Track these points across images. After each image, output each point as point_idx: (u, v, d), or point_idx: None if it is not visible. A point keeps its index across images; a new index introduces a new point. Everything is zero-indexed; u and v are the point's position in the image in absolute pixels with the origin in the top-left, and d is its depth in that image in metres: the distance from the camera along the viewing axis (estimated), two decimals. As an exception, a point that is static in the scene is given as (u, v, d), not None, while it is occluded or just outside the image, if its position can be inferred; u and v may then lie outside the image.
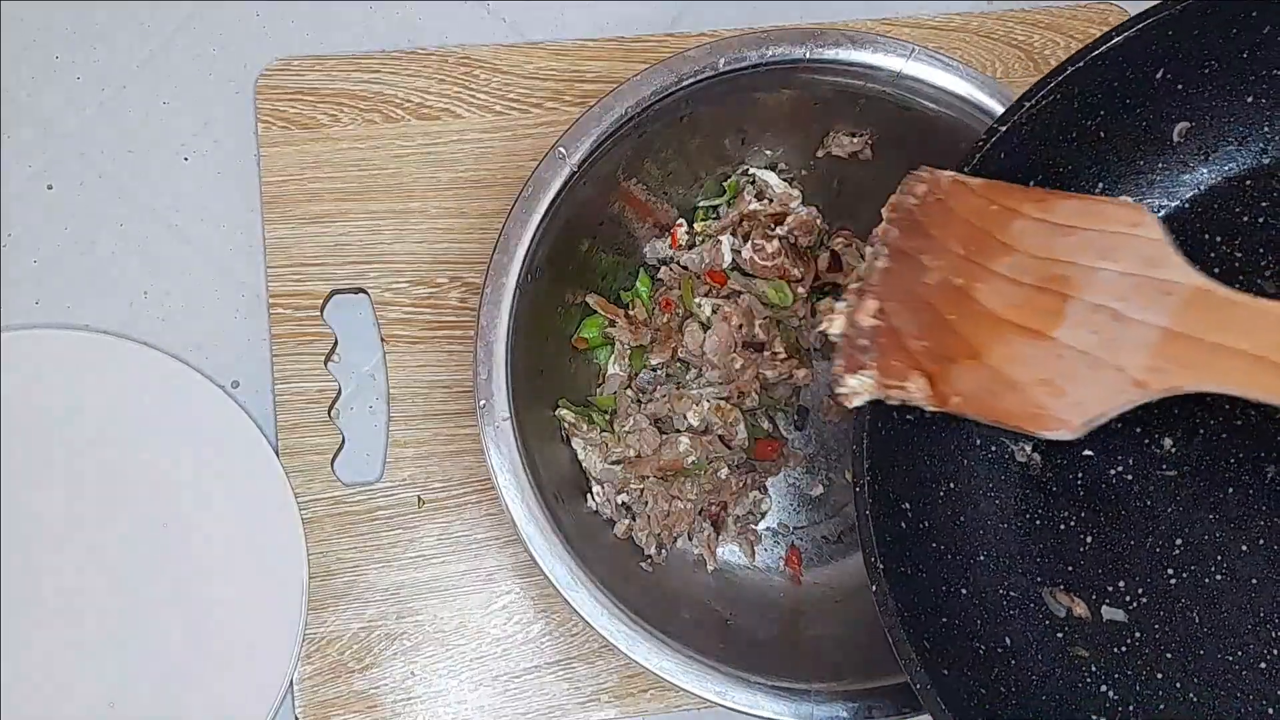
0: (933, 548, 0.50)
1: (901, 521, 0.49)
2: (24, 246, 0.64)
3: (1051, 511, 0.52)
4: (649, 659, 0.53)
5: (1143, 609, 0.51)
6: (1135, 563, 0.51)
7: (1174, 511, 0.51)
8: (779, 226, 0.64)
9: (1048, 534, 0.52)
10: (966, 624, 0.50)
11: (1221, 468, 0.51)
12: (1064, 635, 0.51)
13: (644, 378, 0.63)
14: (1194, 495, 0.51)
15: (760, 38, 0.57)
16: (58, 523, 0.61)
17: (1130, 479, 0.52)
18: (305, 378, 0.63)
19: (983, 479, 0.53)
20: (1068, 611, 0.51)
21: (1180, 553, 0.51)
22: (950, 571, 0.51)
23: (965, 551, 0.51)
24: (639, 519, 0.61)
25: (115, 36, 0.67)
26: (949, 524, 0.51)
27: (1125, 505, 0.52)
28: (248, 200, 0.65)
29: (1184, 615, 0.50)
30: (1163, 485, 0.52)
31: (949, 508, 0.52)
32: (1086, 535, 0.52)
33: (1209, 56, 0.48)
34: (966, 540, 0.51)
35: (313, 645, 0.61)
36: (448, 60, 0.67)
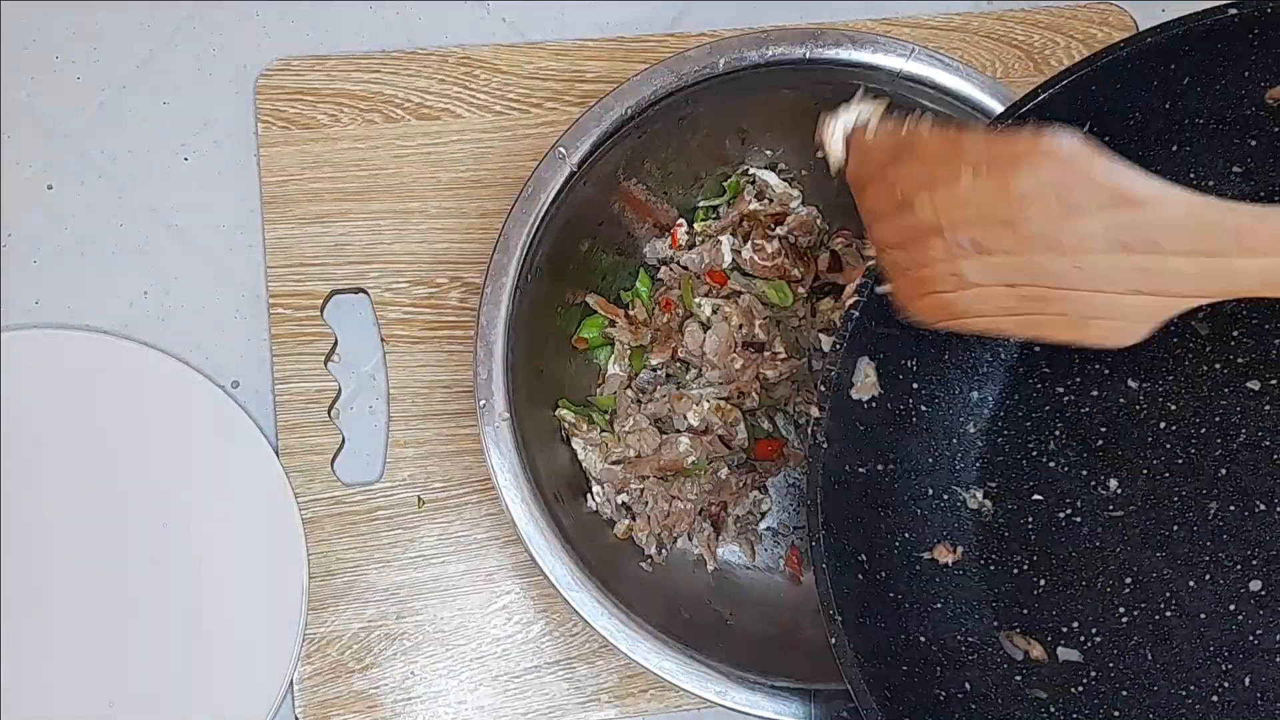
0: (890, 597, 0.51)
1: (859, 573, 0.50)
2: (24, 246, 0.64)
3: (1005, 556, 0.53)
4: (649, 659, 0.53)
5: (1097, 648, 0.52)
6: (1088, 603, 0.52)
7: (1122, 551, 0.52)
8: (779, 226, 0.64)
9: (1002, 578, 0.53)
10: (926, 670, 0.50)
11: (1165, 506, 0.52)
12: (1022, 678, 0.52)
13: (644, 378, 0.63)
14: (1141, 534, 0.52)
15: (760, 38, 0.57)
16: (58, 523, 0.61)
17: (1079, 520, 0.53)
18: (305, 378, 0.63)
19: (936, 527, 0.53)
20: (1025, 654, 0.52)
21: (1130, 591, 0.52)
22: (908, 619, 0.51)
23: (923, 599, 0.52)
24: (639, 519, 0.61)
25: (115, 36, 0.67)
26: (905, 573, 0.52)
27: (1075, 547, 0.53)
28: (248, 200, 0.65)
29: (1137, 652, 0.51)
30: (1110, 526, 0.53)
31: (904, 557, 0.52)
32: (1039, 578, 0.53)
33: (1132, 109, 0.49)
34: (923, 588, 0.52)
35: (313, 645, 0.61)
36: (448, 60, 0.67)
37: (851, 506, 0.51)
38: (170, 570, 0.61)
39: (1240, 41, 0.46)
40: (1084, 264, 0.43)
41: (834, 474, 0.50)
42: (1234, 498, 0.51)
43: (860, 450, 0.51)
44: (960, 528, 0.54)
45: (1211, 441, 0.52)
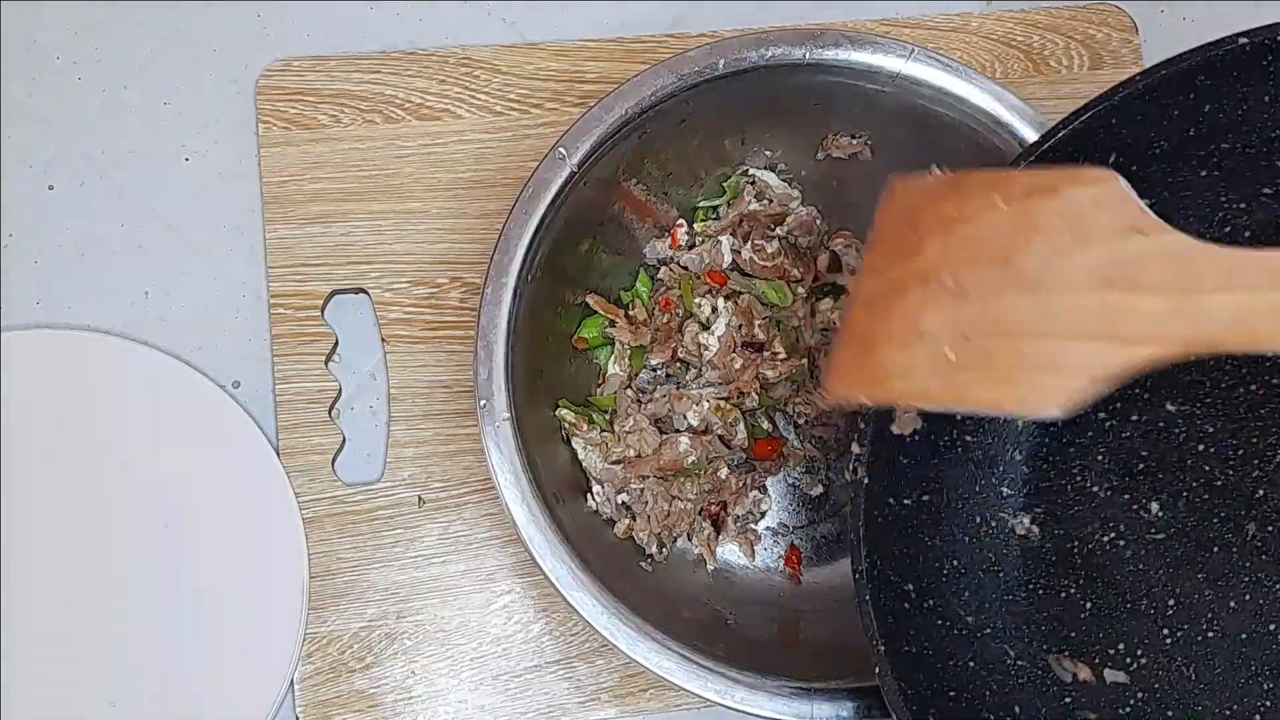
0: (938, 624, 0.51)
1: (905, 602, 0.50)
2: (24, 246, 0.64)
3: (1052, 581, 0.54)
4: (649, 659, 0.53)
5: (1142, 669, 0.52)
6: (1133, 625, 0.53)
7: (1165, 573, 0.53)
8: (779, 227, 0.64)
9: (1050, 603, 0.54)
10: (975, 696, 0.51)
11: (1205, 528, 0.53)
12: (1071, 700, 0.52)
13: (644, 378, 0.63)
14: (1182, 556, 0.53)
15: (760, 38, 0.57)
16: (58, 523, 0.61)
17: (1122, 544, 0.54)
18: (305, 378, 0.63)
19: (985, 554, 0.54)
20: (1073, 676, 0.52)
21: (1174, 613, 0.53)
22: (957, 646, 0.52)
23: (972, 626, 0.52)
24: (639, 519, 0.61)
25: (115, 36, 0.67)
26: (953, 600, 0.52)
27: (1120, 570, 0.54)
28: (248, 200, 0.65)
29: (1181, 673, 0.52)
30: (1153, 548, 0.53)
31: (953, 585, 0.53)
32: (1086, 601, 0.53)
33: (1156, 138, 0.49)
34: (972, 614, 0.53)
35: (313, 645, 0.61)
36: (448, 61, 0.67)
37: (897, 538, 0.51)
38: (170, 570, 0.61)
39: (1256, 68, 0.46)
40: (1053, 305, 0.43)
41: (877, 508, 0.50)
42: (1272, 519, 0.52)
43: (904, 483, 0.52)
44: (1008, 554, 0.54)
45: (1249, 463, 0.53)
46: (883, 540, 0.50)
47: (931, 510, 0.52)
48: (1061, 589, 0.54)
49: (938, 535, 0.53)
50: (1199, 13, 0.72)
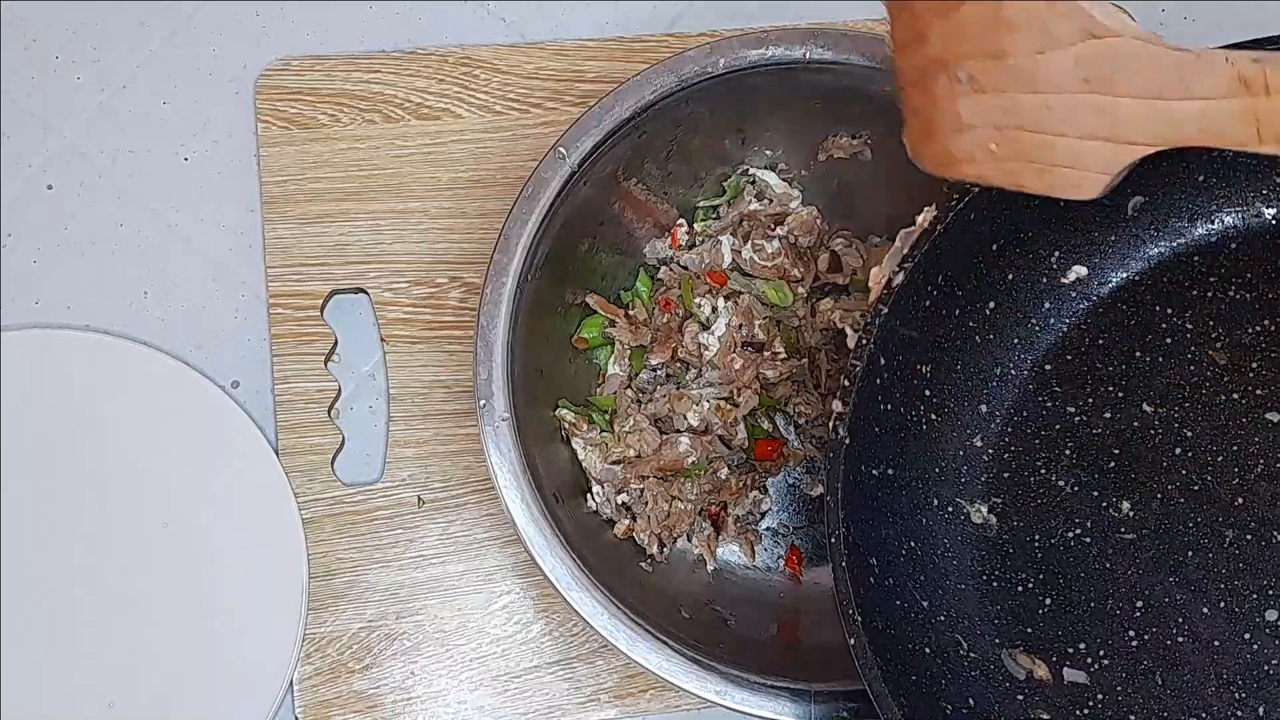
0: (896, 605, 0.51)
1: (870, 576, 0.50)
2: (24, 246, 0.64)
3: (1009, 574, 0.53)
4: (649, 659, 0.53)
5: (1104, 670, 0.51)
6: (1096, 624, 0.52)
7: (1134, 574, 0.52)
8: (779, 226, 0.64)
9: (1006, 596, 0.53)
10: (932, 683, 0.50)
11: (1180, 531, 0.52)
12: (1024, 698, 0.51)
13: (644, 378, 0.63)
14: (1154, 558, 0.52)
15: (760, 38, 0.57)
16: (58, 523, 0.61)
17: (1088, 541, 0.53)
18: (305, 378, 0.63)
19: (940, 539, 0.53)
20: (1028, 674, 0.51)
21: (1141, 615, 0.51)
22: (914, 630, 0.51)
23: (926, 611, 0.52)
24: (639, 519, 0.61)
25: (115, 36, 0.67)
26: (910, 583, 0.52)
27: (1084, 568, 0.52)
28: (248, 200, 0.65)
29: (1147, 677, 0.51)
30: (1121, 548, 0.52)
31: (910, 566, 0.52)
32: (1045, 597, 0.52)
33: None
34: (927, 599, 0.52)
35: (313, 645, 0.61)
36: (448, 60, 0.67)
37: (864, 508, 0.50)
38: (170, 570, 0.61)
39: None
40: (1053, 103, 0.45)
41: (851, 472, 0.50)
42: (1251, 527, 0.51)
43: (875, 451, 0.51)
44: (964, 542, 0.53)
45: (1229, 470, 0.52)
46: (854, 507, 0.50)
47: (894, 485, 0.52)
48: (1019, 583, 0.53)
49: (899, 513, 0.52)
50: (1200, 12, 0.72)
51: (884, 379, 0.51)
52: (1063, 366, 0.54)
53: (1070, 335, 0.54)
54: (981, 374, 0.54)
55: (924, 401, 0.53)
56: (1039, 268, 0.54)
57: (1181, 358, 0.53)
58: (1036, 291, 0.54)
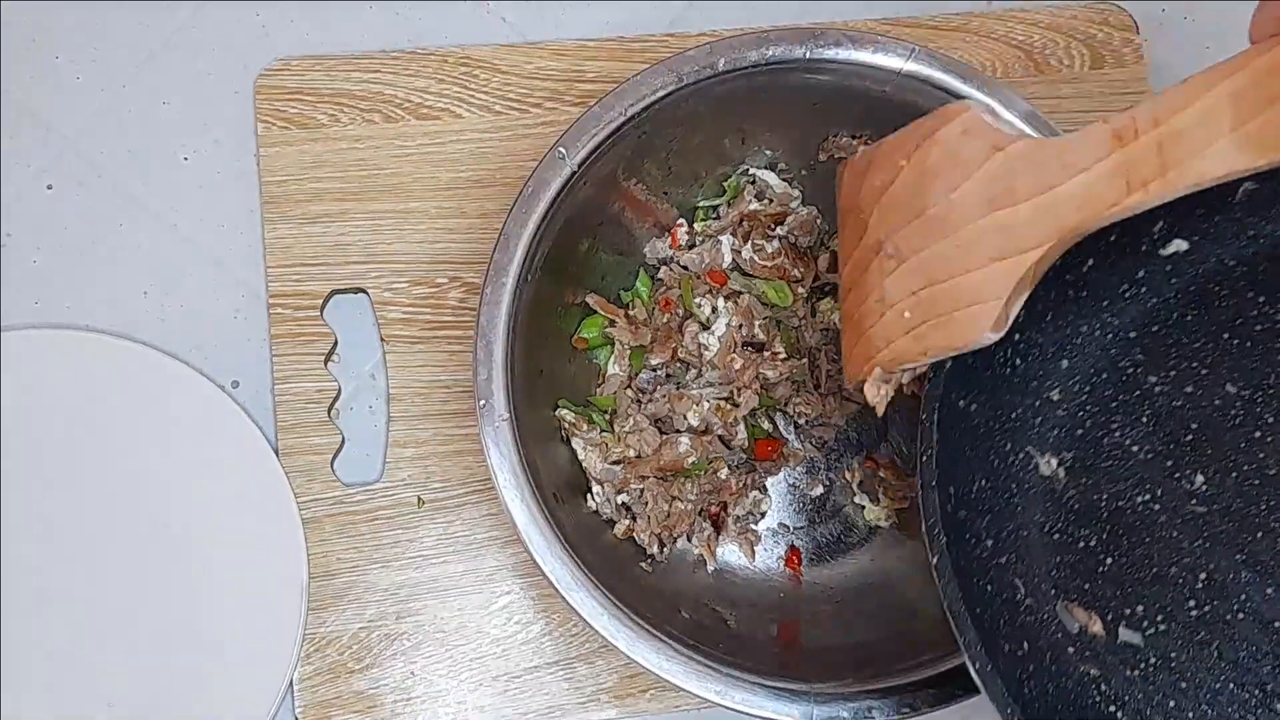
0: (966, 538, 0.51)
1: (947, 504, 0.50)
2: (24, 246, 0.64)
3: (1073, 528, 0.53)
4: (649, 659, 0.53)
5: (1160, 635, 0.52)
6: (1156, 590, 0.52)
7: (1200, 547, 0.52)
8: (779, 226, 0.64)
9: (1067, 550, 0.53)
10: (993, 620, 0.50)
11: (1252, 512, 0.52)
12: (1075, 650, 0.51)
13: (644, 378, 0.63)
14: (1222, 534, 0.52)
15: (760, 38, 0.57)
16: (58, 523, 0.61)
17: (1157, 509, 0.53)
18: (305, 378, 0.63)
19: (1009, 483, 0.53)
20: (1082, 628, 0.52)
21: (1204, 587, 0.52)
22: (978, 566, 0.51)
23: (990, 550, 0.52)
24: (639, 519, 0.60)
25: (115, 36, 0.67)
26: (979, 520, 0.52)
27: (1150, 533, 0.53)
28: (248, 200, 0.65)
29: (1202, 647, 0.51)
30: (1191, 520, 0.53)
31: (979, 503, 0.52)
32: (1107, 556, 0.53)
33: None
34: (991, 539, 0.52)
35: (313, 645, 0.61)
36: (448, 60, 0.67)
37: (950, 437, 0.50)
38: (170, 570, 0.61)
39: None
40: (961, 240, 0.47)
41: (944, 396, 0.50)
42: None
43: (964, 382, 0.51)
44: (1032, 491, 0.53)
45: None
46: (943, 432, 0.50)
47: (974, 421, 0.52)
48: (1081, 539, 0.53)
49: (976, 448, 0.52)
50: (1200, 12, 0.72)
51: None
52: (1148, 336, 0.54)
53: (1159, 308, 0.54)
54: (1068, 329, 0.54)
55: (1011, 345, 0.53)
56: (1141, 235, 0.53)
57: (1271, 345, 0.53)
58: (1134, 258, 0.53)
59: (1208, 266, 0.53)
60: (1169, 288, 0.54)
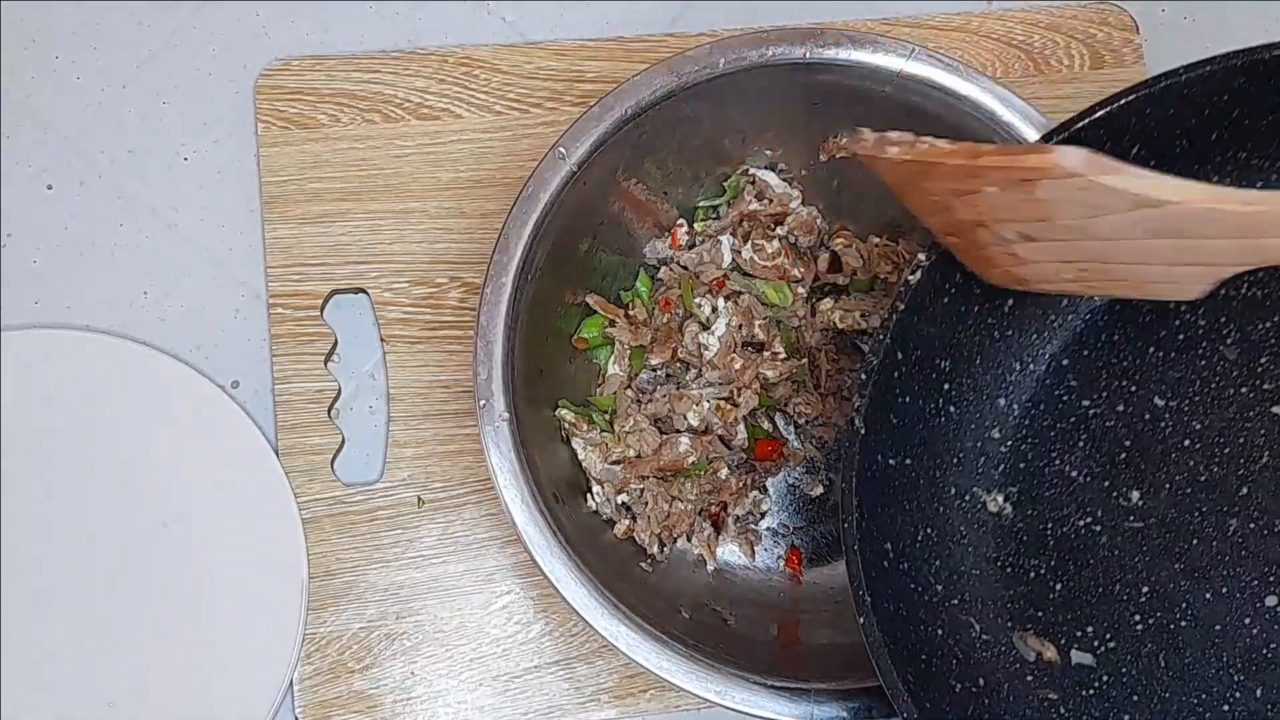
0: (911, 588, 0.52)
1: (884, 560, 0.51)
2: (24, 246, 0.64)
3: (1022, 559, 0.54)
4: (649, 659, 0.53)
5: (1110, 653, 0.53)
6: (1103, 609, 0.53)
7: (1141, 561, 0.54)
8: (779, 227, 0.64)
9: (1018, 581, 0.54)
10: (944, 663, 0.51)
11: (1186, 520, 0.54)
12: (1033, 678, 0.53)
13: (644, 378, 0.63)
14: (1160, 546, 0.54)
15: (760, 38, 0.57)
16: (58, 523, 0.61)
17: (1099, 530, 0.54)
18: (305, 378, 0.63)
19: (957, 526, 0.54)
20: (1037, 655, 0.53)
21: (1146, 599, 0.53)
22: (927, 612, 0.52)
23: (940, 595, 0.53)
24: (639, 519, 0.60)
25: (115, 36, 0.67)
26: (926, 568, 0.53)
27: (1093, 554, 0.54)
28: (248, 200, 0.65)
29: (1151, 659, 0.52)
30: (1130, 536, 0.54)
31: (924, 552, 0.53)
32: (1056, 582, 0.54)
33: (1182, 135, 0.50)
34: (941, 584, 0.53)
35: (313, 645, 0.61)
36: (448, 60, 0.67)
37: (880, 496, 0.51)
38: (170, 570, 0.61)
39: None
40: (1124, 249, 0.46)
41: (867, 461, 0.51)
42: (1255, 516, 0.53)
43: (892, 442, 0.52)
44: (980, 529, 0.55)
45: (1235, 461, 0.54)
46: (869, 495, 0.50)
47: (912, 475, 0.53)
48: (1031, 568, 0.54)
49: (916, 501, 0.53)
50: (1200, 12, 0.72)
51: (902, 373, 0.52)
52: (1079, 360, 0.55)
53: (1086, 330, 0.55)
54: (1000, 368, 0.55)
55: (942, 395, 0.54)
56: None
57: (1194, 353, 0.54)
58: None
59: None
60: (1093, 310, 0.55)
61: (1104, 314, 0.55)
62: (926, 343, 0.52)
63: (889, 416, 0.52)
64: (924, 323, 0.52)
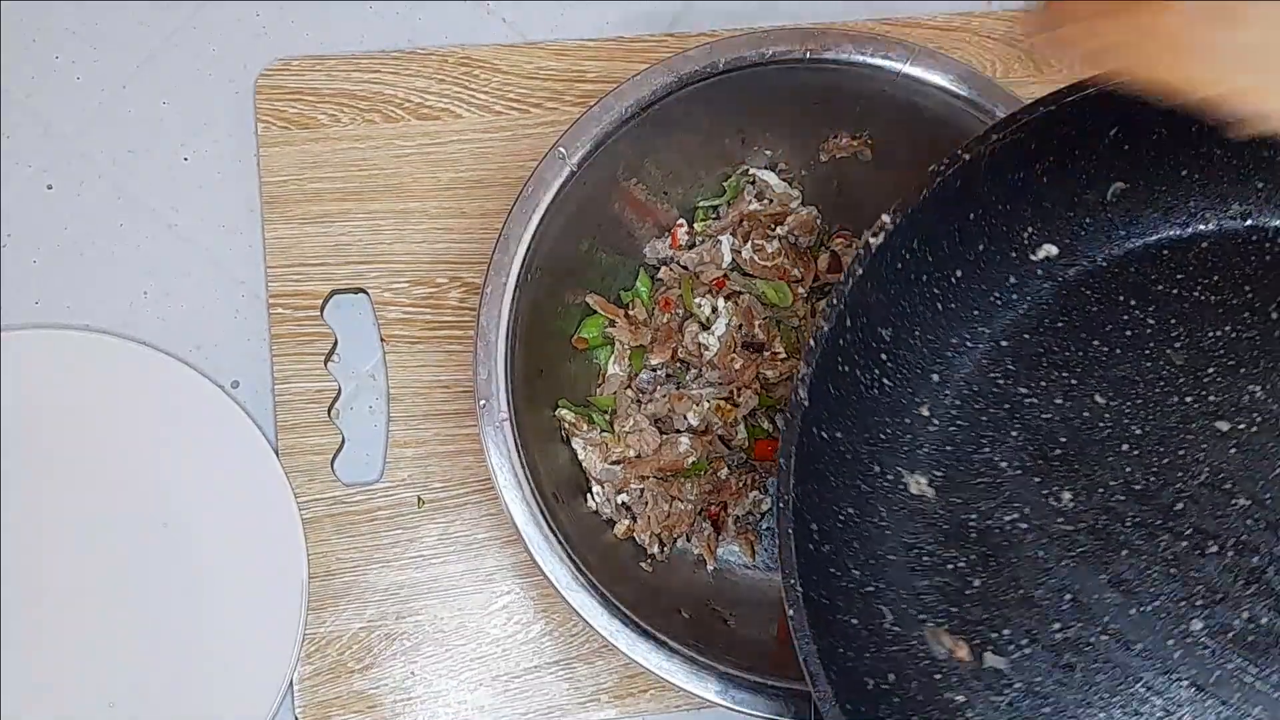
0: (831, 572, 0.50)
1: (809, 542, 0.49)
2: (24, 246, 0.64)
3: (941, 550, 0.52)
4: (649, 659, 0.53)
5: (1025, 659, 0.50)
6: (1022, 612, 0.51)
7: (1066, 566, 0.51)
8: (779, 226, 0.64)
9: (935, 572, 0.52)
10: (857, 656, 0.50)
11: (1117, 530, 0.51)
12: (942, 678, 0.50)
13: (644, 378, 0.63)
14: (1088, 553, 0.51)
15: (760, 38, 0.57)
16: (58, 523, 0.61)
17: (1025, 528, 0.52)
18: (305, 378, 0.63)
19: (878, 506, 0.52)
20: (949, 654, 0.51)
21: (1069, 608, 0.51)
22: (843, 599, 0.50)
23: (857, 580, 0.51)
24: (639, 519, 0.61)
25: (115, 36, 0.67)
26: (845, 550, 0.51)
27: (1017, 554, 0.52)
28: (248, 200, 0.65)
29: (1067, 671, 0.50)
30: (1057, 538, 0.52)
31: (845, 533, 0.51)
32: (974, 578, 0.52)
33: (1161, 123, 0.49)
34: (859, 569, 0.51)
35: (313, 645, 0.61)
36: (448, 60, 0.67)
37: (811, 471, 0.50)
38: (170, 570, 0.61)
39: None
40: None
41: (804, 434, 0.49)
42: (1187, 534, 0.51)
43: (828, 414, 0.51)
44: (899, 512, 0.52)
45: (1172, 474, 0.51)
46: (802, 473, 0.49)
47: (840, 449, 0.51)
48: (949, 560, 0.52)
49: (840, 476, 0.51)
50: (1200, 12, 0.72)
51: (846, 340, 0.50)
52: (1019, 345, 0.54)
53: (1030, 314, 0.54)
54: (938, 342, 0.53)
55: (879, 366, 0.52)
56: (1011, 241, 0.53)
57: (1139, 353, 0.53)
58: (1004, 265, 0.53)
59: (1078, 269, 0.54)
60: (1039, 294, 0.54)
61: (1051, 298, 0.54)
62: (873, 310, 0.51)
63: (828, 386, 0.50)
64: (875, 289, 0.50)
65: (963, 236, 0.52)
